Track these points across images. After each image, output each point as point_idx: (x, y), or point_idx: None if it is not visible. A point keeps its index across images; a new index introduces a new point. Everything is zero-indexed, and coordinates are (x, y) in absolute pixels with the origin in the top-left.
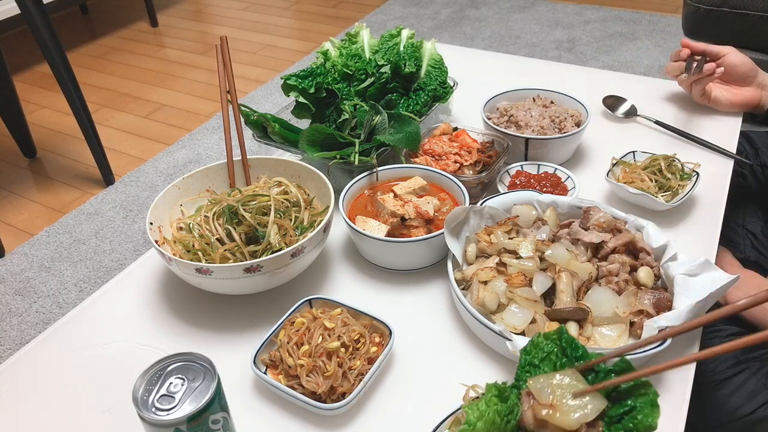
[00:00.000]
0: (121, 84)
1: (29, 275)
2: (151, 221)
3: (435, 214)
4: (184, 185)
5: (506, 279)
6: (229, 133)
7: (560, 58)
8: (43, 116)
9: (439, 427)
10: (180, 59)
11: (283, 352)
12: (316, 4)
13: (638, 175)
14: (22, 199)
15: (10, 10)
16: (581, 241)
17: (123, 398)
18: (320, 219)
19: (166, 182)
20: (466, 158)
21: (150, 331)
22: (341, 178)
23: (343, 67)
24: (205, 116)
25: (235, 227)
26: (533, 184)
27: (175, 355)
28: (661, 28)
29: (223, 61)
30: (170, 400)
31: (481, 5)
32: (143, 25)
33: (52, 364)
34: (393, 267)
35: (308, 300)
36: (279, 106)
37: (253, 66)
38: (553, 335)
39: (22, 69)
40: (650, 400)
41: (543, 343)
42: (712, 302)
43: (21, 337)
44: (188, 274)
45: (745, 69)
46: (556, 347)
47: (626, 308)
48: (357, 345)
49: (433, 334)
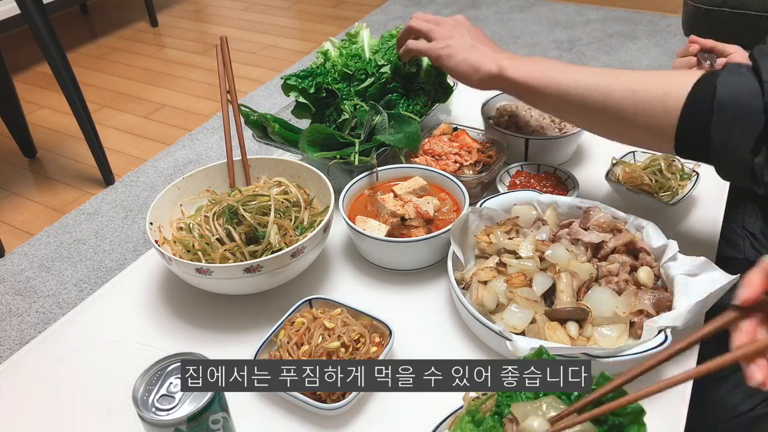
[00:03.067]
0: (121, 84)
1: (29, 275)
2: (151, 221)
3: (435, 214)
4: (184, 185)
5: (506, 279)
6: (229, 133)
7: (560, 58)
8: (43, 116)
9: (439, 427)
10: (180, 59)
11: (283, 352)
12: (316, 4)
13: (638, 175)
14: (22, 199)
15: (10, 10)
16: (581, 241)
17: (123, 398)
18: (320, 219)
19: (166, 182)
20: (466, 158)
21: (150, 331)
22: (341, 178)
23: (343, 67)
24: (205, 116)
25: (235, 227)
26: (533, 184)
27: (175, 355)
28: (661, 28)
29: (223, 61)
30: (170, 400)
31: (481, 5)
32: (143, 25)
33: (52, 364)
34: (393, 267)
35: (308, 300)
36: (279, 106)
37: (253, 66)
38: (533, 359)
39: (22, 69)
40: (636, 419)
41: None
42: (712, 302)
43: (21, 337)
44: (188, 274)
45: None
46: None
47: (626, 308)
48: (357, 345)
49: (433, 334)
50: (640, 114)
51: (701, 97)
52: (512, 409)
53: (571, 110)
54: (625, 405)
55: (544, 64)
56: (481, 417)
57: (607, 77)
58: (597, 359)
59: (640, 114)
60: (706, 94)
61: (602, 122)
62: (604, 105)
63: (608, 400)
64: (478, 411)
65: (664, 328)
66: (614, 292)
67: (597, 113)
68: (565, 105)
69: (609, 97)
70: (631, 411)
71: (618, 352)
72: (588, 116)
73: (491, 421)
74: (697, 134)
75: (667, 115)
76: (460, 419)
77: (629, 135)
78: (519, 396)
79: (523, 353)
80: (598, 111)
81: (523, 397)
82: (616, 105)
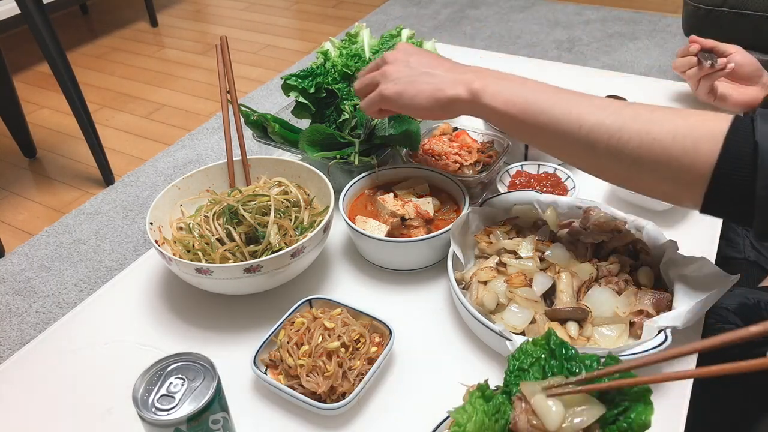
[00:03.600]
0: (121, 84)
1: (29, 275)
2: (151, 221)
3: (435, 214)
4: (184, 185)
5: (506, 279)
6: (229, 133)
7: (560, 58)
8: (43, 116)
9: (439, 427)
10: (180, 59)
11: (283, 352)
12: (316, 4)
13: None
14: (22, 199)
15: (10, 10)
16: (581, 241)
17: (123, 398)
18: (320, 219)
19: (166, 182)
20: (466, 158)
21: (150, 331)
22: (341, 178)
23: (343, 67)
24: (205, 116)
25: (235, 227)
26: (533, 184)
27: (175, 355)
28: (661, 28)
29: (223, 61)
30: (170, 400)
31: (481, 5)
32: (143, 25)
33: (52, 364)
34: (393, 267)
35: (308, 300)
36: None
37: (253, 66)
38: (541, 341)
39: (22, 69)
40: (643, 397)
41: (531, 350)
42: (712, 302)
43: (21, 337)
44: (188, 274)
45: (751, 69)
46: (545, 352)
47: (626, 308)
48: (357, 345)
49: (433, 334)
50: (662, 165)
51: (739, 147)
52: (521, 387)
53: (573, 153)
54: (629, 386)
55: (527, 88)
56: (491, 392)
57: (619, 116)
58: None
59: (662, 165)
60: (743, 142)
61: (613, 170)
62: (618, 151)
63: (612, 378)
64: (488, 387)
65: (664, 328)
66: (614, 292)
67: (608, 160)
68: (565, 146)
69: (624, 144)
70: (637, 390)
71: (618, 352)
72: (596, 162)
73: (501, 398)
74: (735, 189)
75: (695, 168)
76: (471, 394)
77: (646, 186)
78: (527, 375)
79: None
80: (610, 158)
81: (531, 377)
82: (633, 153)
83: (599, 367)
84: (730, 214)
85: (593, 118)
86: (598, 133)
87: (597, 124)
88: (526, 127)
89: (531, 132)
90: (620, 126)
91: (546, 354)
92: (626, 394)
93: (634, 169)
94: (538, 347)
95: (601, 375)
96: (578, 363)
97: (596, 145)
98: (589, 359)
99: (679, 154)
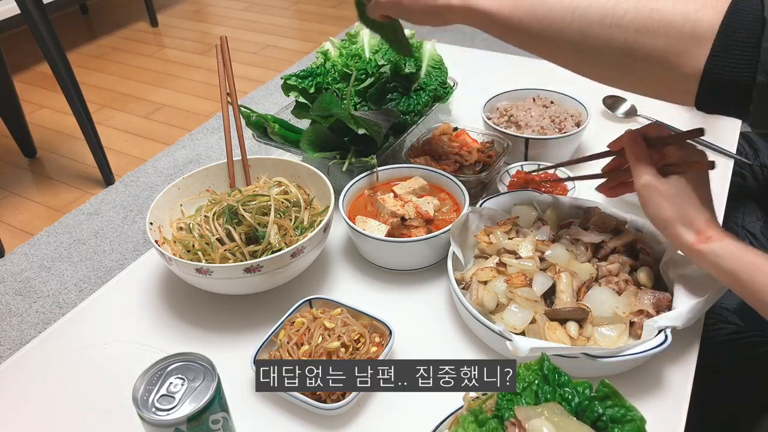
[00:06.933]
0: (121, 84)
1: (29, 275)
2: (151, 221)
3: (435, 214)
4: (184, 185)
5: (506, 279)
6: (229, 133)
7: None
8: (43, 116)
9: (439, 427)
10: (180, 59)
11: (283, 352)
12: (316, 4)
13: None
14: (22, 199)
15: (10, 10)
16: (581, 241)
17: (123, 398)
18: (320, 219)
19: (166, 182)
20: (466, 158)
21: (150, 331)
22: (341, 178)
23: (343, 67)
24: (205, 116)
25: (235, 227)
26: (533, 184)
27: (175, 355)
28: None
29: (223, 61)
30: (170, 400)
31: None
32: (143, 25)
33: (52, 364)
34: (393, 267)
35: (308, 300)
36: (279, 106)
37: (253, 66)
38: (534, 366)
39: (22, 69)
40: (637, 427)
41: (524, 374)
42: (712, 302)
43: (21, 337)
44: (188, 274)
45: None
46: (538, 377)
47: (626, 308)
48: (357, 345)
49: (433, 334)
50: (661, 36)
51: (744, 12)
52: (516, 411)
53: (567, 46)
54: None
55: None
56: (484, 417)
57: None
58: (597, 359)
59: (661, 36)
60: (751, 8)
61: (608, 56)
62: (614, 28)
63: (605, 406)
64: (481, 411)
65: (664, 328)
66: (614, 292)
67: (604, 44)
68: (557, 38)
69: (619, 19)
70: (632, 419)
71: (618, 352)
72: (590, 52)
73: (494, 423)
74: (739, 53)
75: (696, 35)
76: (463, 418)
77: (637, 68)
78: (519, 400)
79: (524, 353)
80: (604, 42)
81: (523, 401)
82: (629, 27)
83: (591, 394)
84: (727, 92)
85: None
86: (592, 13)
87: (591, 4)
88: (520, 27)
89: (524, 30)
90: (615, 2)
91: (539, 379)
92: (620, 423)
93: (629, 51)
94: (531, 372)
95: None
96: (571, 389)
97: (590, 29)
98: (581, 386)
99: (680, 21)
